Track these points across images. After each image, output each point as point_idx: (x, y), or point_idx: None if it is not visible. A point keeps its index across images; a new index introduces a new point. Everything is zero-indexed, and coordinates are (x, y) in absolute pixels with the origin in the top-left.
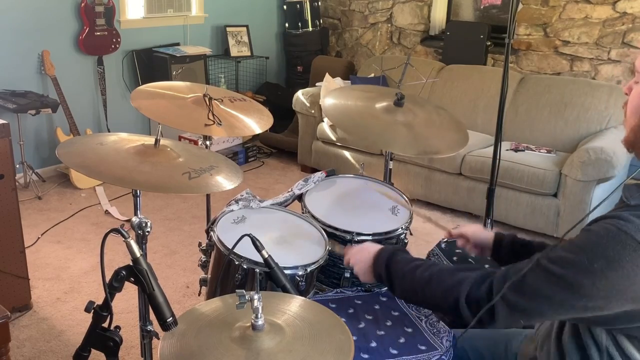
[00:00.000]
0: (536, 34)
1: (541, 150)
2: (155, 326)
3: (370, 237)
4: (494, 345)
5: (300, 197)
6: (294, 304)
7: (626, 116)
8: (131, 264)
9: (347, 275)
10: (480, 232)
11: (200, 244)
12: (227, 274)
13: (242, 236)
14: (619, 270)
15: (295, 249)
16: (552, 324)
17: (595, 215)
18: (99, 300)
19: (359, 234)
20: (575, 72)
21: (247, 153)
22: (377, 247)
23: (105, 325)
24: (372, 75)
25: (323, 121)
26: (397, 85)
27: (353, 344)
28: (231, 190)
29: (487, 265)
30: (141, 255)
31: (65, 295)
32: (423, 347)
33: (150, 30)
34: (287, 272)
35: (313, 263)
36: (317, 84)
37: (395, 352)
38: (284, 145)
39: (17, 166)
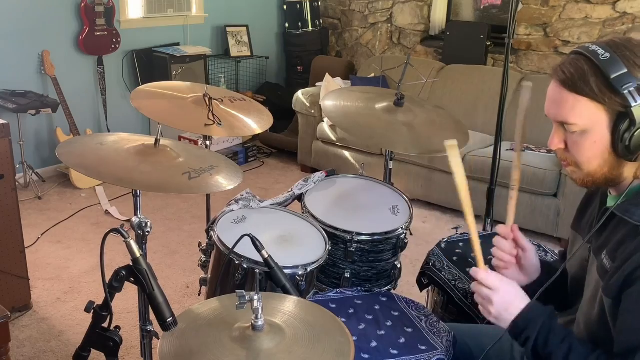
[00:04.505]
0: (536, 34)
1: (541, 150)
2: (155, 326)
3: (370, 237)
4: (499, 344)
5: (300, 197)
6: (294, 305)
7: (580, 167)
8: (131, 264)
9: (347, 275)
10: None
11: (200, 244)
12: (227, 273)
13: (242, 236)
14: None
15: (295, 249)
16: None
17: None
18: (99, 300)
19: (359, 234)
20: None
21: (247, 153)
22: (524, 303)
23: (105, 325)
24: (372, 75)
25: (323, 121)
26: (397, 85)
27: (353, 346)
28: (231, 190)
29: None
30: (141, 255)
31: (65, 295)
32: (423, 347)
33: (150, 30)
34: (287, 271)
35: (313, 263)
36: (317, 84)
37: (395, 352)
38: (284, 145)
39: (17, 166)
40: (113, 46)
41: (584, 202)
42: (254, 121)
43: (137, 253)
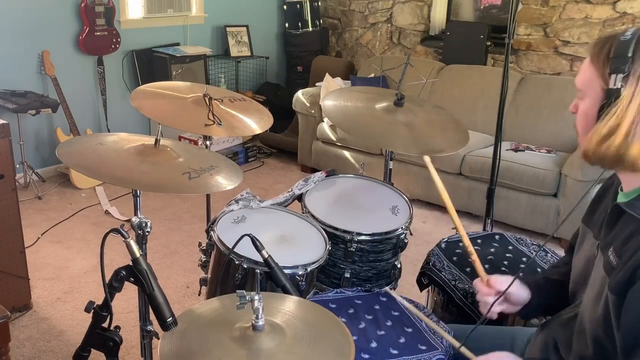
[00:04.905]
0: (536, 34)
1: (541, 150)
2: (155, 326)
3: (370, 237)
4: (500, 344)
5: (300, 197)
6: (294, 305)
7: (579, 134)
8: (131, 264)
9: (347, 275)
10: (518, 290)
11: (200, 244)
12: (227, 273)
13: (242, 236)
14: None
15: (295, 248)
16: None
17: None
18: (99, 300)
19: (359, 234)
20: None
21: (247, 153)
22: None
23: (105, 325)
24: (372, 75)
25: (323, 121)
26: (397, 85)
27: (353, 346)
28: (231, 190)
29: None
30: (141, 255)
31: (65, 295)
32: (423, 347)
33: (150, 30)
34: (287, 271)
35: (313, 263)
36: (317, 84)
37: (395, 352)
38: (284, 145)
39: (17, 166)
40: (113, 46)
41: (597, 197)
42: (254, 121)
43: (137, 253)
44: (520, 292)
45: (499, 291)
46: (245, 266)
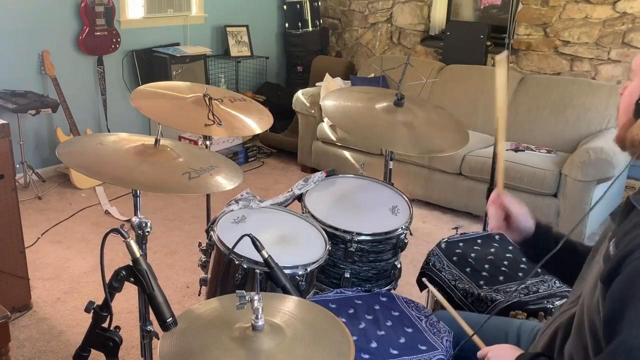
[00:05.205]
0: (536, 34)
1: (541, 150)
2: (155, 326)
3: (370, 237)
4: (504, 339)
5: (300, 197)
6: (294, 305)
7: (619, 113)
8: (131, 264)
9: (347, 275)
10: (524, 218)
11: (200, 244)
12: (227, 273)
13: (242, 236)
14: None
15: (295, 249)
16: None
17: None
18: (99, 300)
19: (359, 234)
20: (575, 72)
21: (247, 153)
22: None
23: (105, 325)
24: (372, 75)
25: (323, 121)
26: (397, 85)
27: (353, 346)
28: (231, 190)
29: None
30: (141, 255)
31: (65, 295)
32: (423, 347)
33: (150, 30)
34: (287, 272)
35: (313, 263)
36: (317, 84)
37: (395, 352)
38: (284, 145)
39: (17, 166)
40: (113, 46)
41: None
42: (254, 121)
43: (137, 253)
44: (526, 222)
45: (505, 208)
46: (245, 266)
